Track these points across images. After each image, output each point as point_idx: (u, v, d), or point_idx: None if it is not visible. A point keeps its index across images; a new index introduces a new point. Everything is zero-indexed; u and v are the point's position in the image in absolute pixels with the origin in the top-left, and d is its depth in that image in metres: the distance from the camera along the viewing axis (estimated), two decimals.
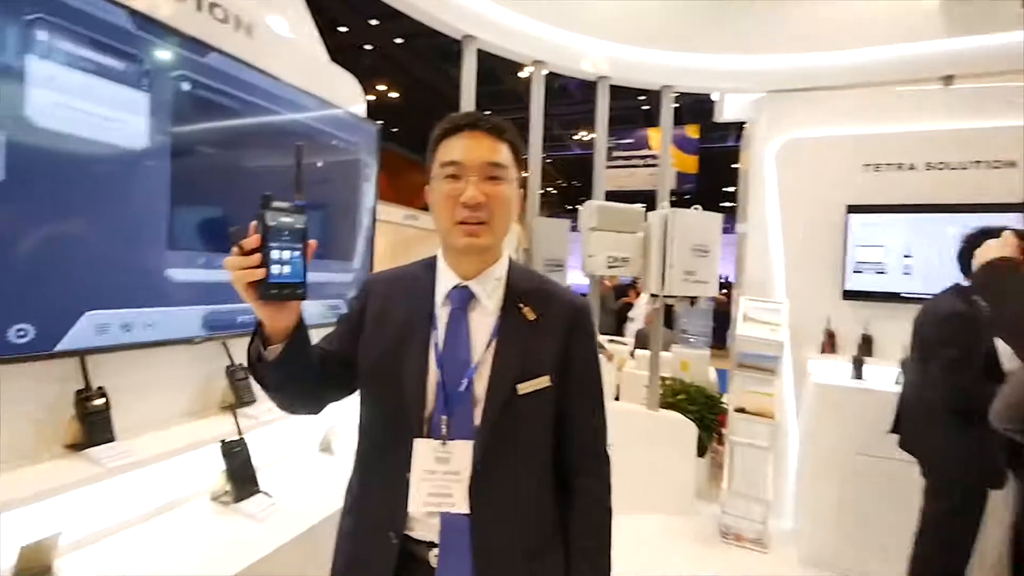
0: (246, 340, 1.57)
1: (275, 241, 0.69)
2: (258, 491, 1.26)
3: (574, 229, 3.41)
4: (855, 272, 2.98)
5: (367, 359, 0.87)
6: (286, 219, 0.70)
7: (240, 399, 1.45)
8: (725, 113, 4.09)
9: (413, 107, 9.43)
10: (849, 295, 2.99)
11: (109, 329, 1.15)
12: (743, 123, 4.13)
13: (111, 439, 1.12)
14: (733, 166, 4.33)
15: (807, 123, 3.20)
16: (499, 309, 0.85)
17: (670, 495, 3.10)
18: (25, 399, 1.05)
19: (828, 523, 2.64)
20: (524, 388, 0.81)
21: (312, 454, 1.62)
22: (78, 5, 1.08)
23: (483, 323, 0.84)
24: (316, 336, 0.85)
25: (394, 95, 9.05)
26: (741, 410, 2.94)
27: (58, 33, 1.04)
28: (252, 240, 0.69)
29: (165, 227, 1.27)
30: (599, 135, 3.54)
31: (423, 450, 0.79)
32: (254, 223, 0.69)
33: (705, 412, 3.58)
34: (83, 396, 1.10)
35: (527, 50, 3.11)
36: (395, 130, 10.92)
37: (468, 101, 2.95)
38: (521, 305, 0.85)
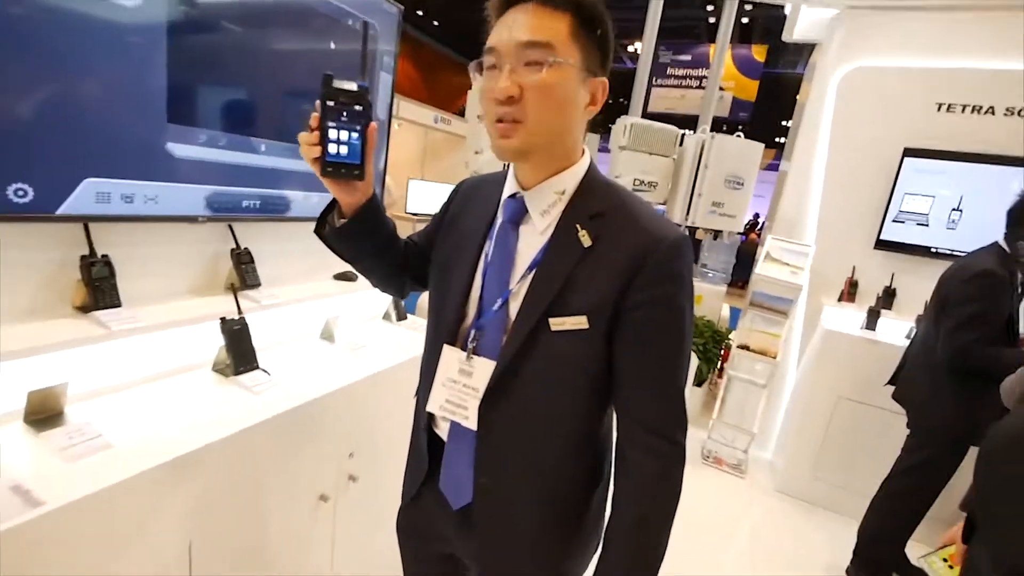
0: (251, 225, 1.59)
1: (333, 121, 0.72)
2: (256, 367, 1.34)
3: (604, 150, 3.23)
4: (895, 221, 2.80)
5: (434, 258, 0.90)
6: (345, 100, 0.72)
7: (244, 282, 1.49)
8: (796, 31, 3.65)
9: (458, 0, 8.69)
10: (882, 244, 2.84)
11: (111, 198, 1.16)
12: (814, 46, 3.69)
13: (118, 304, 1.18)
14: (797, 97, 3.95)
15: (881, 50, 2.83)
16: (552, 228, 0.74)
17: None
18: (32, 260, 1.10)
19: (805, 458, 2.75)
20: (557, 324, 0.71)
21: (313, 341, 1.69)
22: None
23: (532, 242, 0.76)
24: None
25: None
26: (744, 347, 2.94)
27: None
28: (313, 118, 0.73)
29: (164, 98, 1.23)
30: (645, 47, 3.23)
31: (449, 358, 0.80)
32: (317, 101, 0.72)
33: (710, 345, 3.62)
34: (88, 262, 1.15)
35: None
36: (436, 24, 10.10)
37: None
38: (579, 227, 0.72)
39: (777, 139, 13.95)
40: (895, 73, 2.79)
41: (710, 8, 8.55)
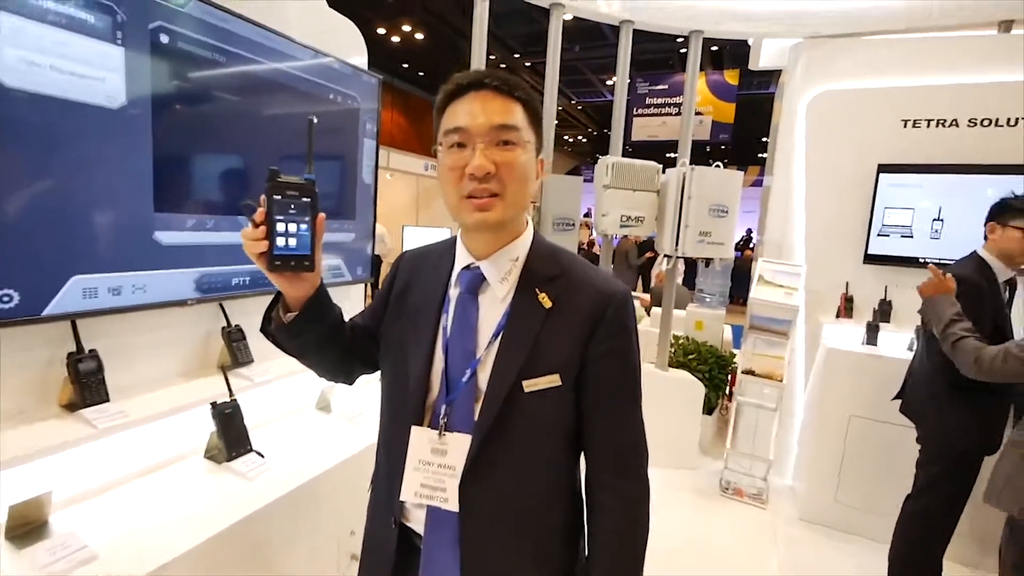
0: (241, 301, 1.59)
1: (281, 214, 0.72)
2: (250, 450, 1.31)
3: (590, 181, 3.29)
4: (880, 236, 2.83)
5: (384, 338, 0.87)
6: (292, 192, 0.72)
7: (237, 359, 1.48)
8: (761, 60, 3.80)
9: (439, 49, 9.01)
10: (871, 259, 2.86)
11: (98, 293, 1.17)
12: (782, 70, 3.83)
13: (105, 400, 1.16)
14: (772, 117, 4.06)
15: (844, 74, 2.94)
16: (512, 294, 0.77)
17: (675, 451, 3.15)
18: (19, 361, 1.09)
19: (825, 482, 2.67)
20: (530, 385, 0.73)
21: (309, 412, 1.67)
22: None
23: (493, 309, 0.77)
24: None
25: (419, 36, 8.65)
26: (750, 372, 2.91)
27: None
28: (259, 214, 0.72)
29: (150, 190, 1.26)
30: (620, 84, 3.33)
31: (419, 439, 0.77)
32: (263, 196, 0.72)
33: (716, 372, 3.58)
34: (75, 359, 1.14)
35: None
36: (420, 74, 10.48)
37: (479, 49, 2.79)
38: (538, 290, 0.76)
39: (760, 155, 14.27)
40: (861, 94, 2.88)
41: (680, 39, 8.93)
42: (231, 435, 1.28)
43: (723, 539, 2.52)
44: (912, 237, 2.77)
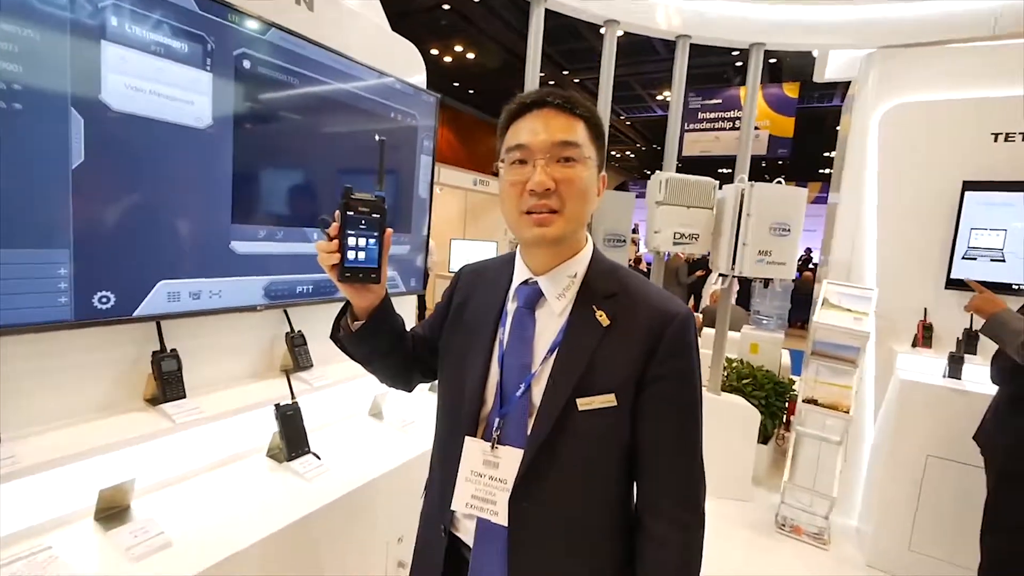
0: (304, 308, 1.67)
1: (353, 229, 0.76)
2: (308, 452, 1.36)
3: (641, 195, 3.24)
4: (965, 259, 2.60)
5: (442, 349, 0.89)
6: (364, 209, 0.76)
7: (297, 364, 1.55)
8: (828, 72, 3.63)
9: (490, 68, 9.24)
10: (954, 284, 2.63)
11: (180, 297, 1.27)
12: (850, 81, 3.65)
13: (183, 396, 1.25)
14: (837, 128, 3.88)
15: (923, 84, 2.76)
16: (569, 310, 0.77)
17: (726, 480, 3.00)
18: (112, 358, 1.20)
19: (898, 527, 2.45)
20: (585, 403, 0.72)
21: (362, 419, 1.72)
22: None
23: (550, 325, 0.77)
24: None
25: (471, 56, 8.92)
26: (812, 401, 2.74)
27: (128, 17, 1.11)
28: (333, 228, 0.76)
29: (229, 203, 1.36)
30: (675, 99, 3.28)
31: (472, 450, 0.78)
32: (336, 211, 0.76)
33: (772, 399, 3.40)
34: (159, 357, 1.23)
35: (598, 8, 2.91)
36: (471, 92, 10.79)
37: (534, 64, 2.83)
38: (596, 308, 0.75)
39: (821, 171, 13.58)
40: (943, 106, 2.69)
41: (735, 52, 8.71)
42: (292, 436, 1.34)
43: None
44: (1004, 261, 2.53)
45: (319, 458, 1.36)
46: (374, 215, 0.77)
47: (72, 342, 1.11)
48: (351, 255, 0.76)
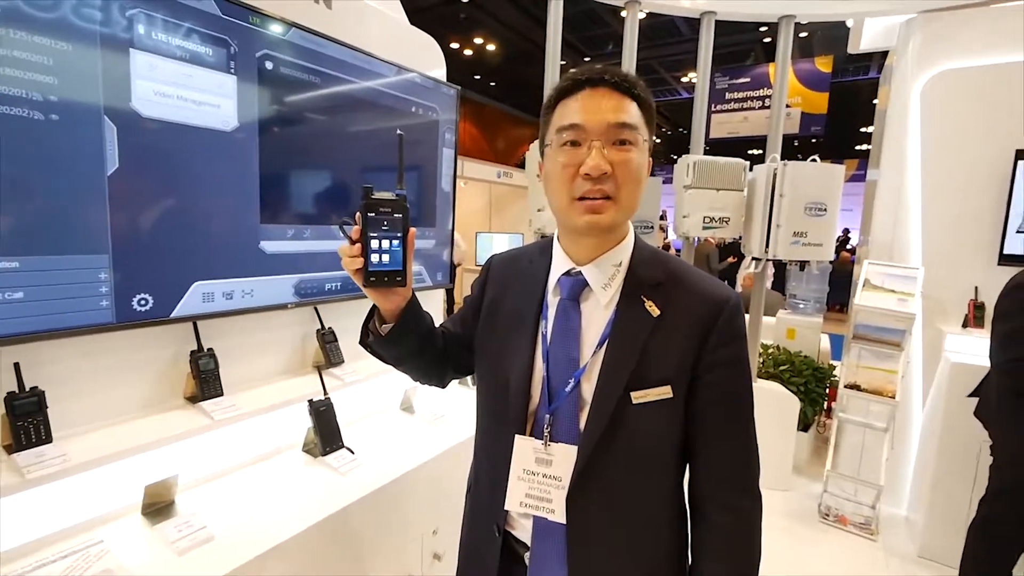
0: (334, 305, 1.69)
1: (375, 231, 0.74)
2: (341, 446, 1.38)
3: (668, 181, 3.16)
4: (1020, 232, 2.45)
5: (479, 345, 0.86)
6: (385, 209, 0.74)
7: (329, 360, 1.58)
8: (863, 42, 3.45)
9: (511, 59, 9.17)
10: (1008, 260, 2.47)
11: (214, 297, 1.30)
12: (887, 51, 3.46)
13: (220, 394, 1.28)
14: (874, 102, 3.69)
15: (969, 50, 2.59)
16: (616, 301, 0.74)
17: (766, 469, 2.80)
18: (152, 358, 1.24)
19: (951, 516, 2.34)
20: (639, 397, 0.70)
21: (394, 413, 1.73)
22: None
23: (597, 316, 0.75)
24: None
25: (491, 47, 8.87)
26: (854, 387, 2.63)
27: (154, 25, 1.13)
28: (355, 231, 0.73)
29: (257, 203, 1.38)
30: (701, 79, 3.18)
31: (523, 448, 0.75)
32: (358, 213, 0.73)
33: (812, 384, 3.28)
34: (196, 356, 1.27)
35: None
36: (492, 84, 10.75)
37: (554, 53, 2.79)
38: (644, 298, 0.73)
39: (859, 147, 13.00)
40: (991, 71, 2.51)
41: (763, 28, 8.38)
42: (325, 431, 1.37)
43: (827, 572, 2.28)
44: None
45: (353, 452, 1.37)
46: (396, 215, 0.74)
47: (115, 344, 1.16)
48: (375, 259, 0.74)
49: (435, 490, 1.45)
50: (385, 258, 0.74)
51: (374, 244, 0.73)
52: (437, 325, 0.90)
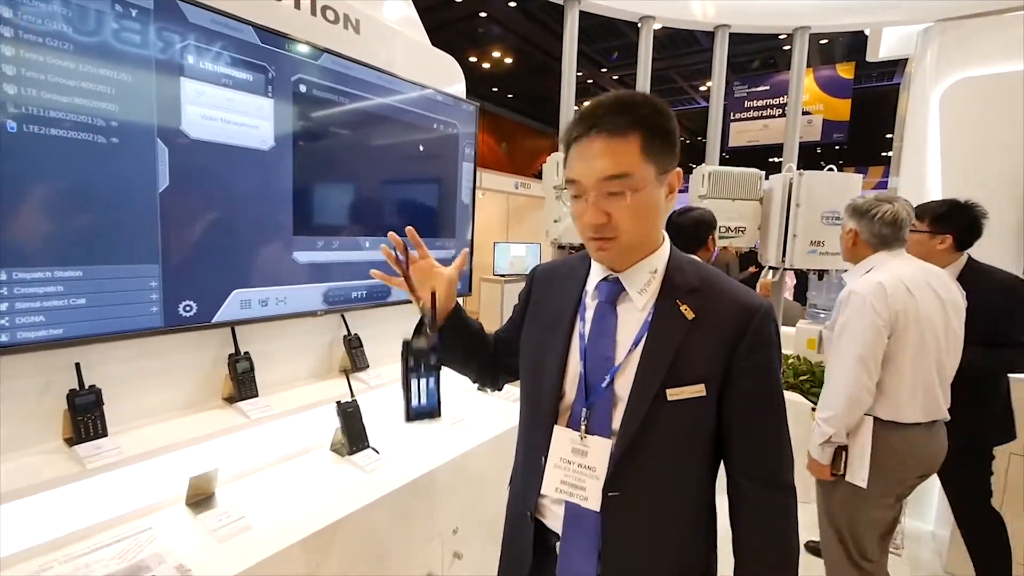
0: (360, 313, 1.77)
1: (415, 376, 0.90)
2: (367, 446, 1.45)
3: (685, 190, 3.19)
4: None
5: (523, 344, 0.94)
6: (419, 355, 0.91)
7: (355, 364, 1.65)
8: (881, 51, 3.46)
9: (528, 71, 9.32)
10: None
11: (251, 304, 1.39)
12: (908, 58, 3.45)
13: (255, 395, 1.37)
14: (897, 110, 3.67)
15: (987, 57, 2.59)
16: (652, 304, 0.79)
17: None
18: (194, 361, 1.33)
19: None
20: (674, 394, 0.74)
21: None
22: (216, 28, 1.26)
23: (632, 319, 0.80)
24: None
25: (508, 60, 9.03)
26: None
27: (202, 54, 1.24)
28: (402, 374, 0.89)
29: (291, 216, 1.47)
30: (715, 90, 3.23)
31: (561, 438, 0.80)
32: (401, 363, 0.88)
33: None
34: (234, 359, 1.36)
35: (632, 5, 2.91)
36: (510, 96, 10.92)
37: (570, 65, 2.87)
38: (679, 301, 0.77)
39: (884, 154, 12.74)
40: (1009, 79, 2.51)
41: (782, 36, 8.36)
42: (352, 431, 1.44)
43: None
44: None
45: (378, 452, 1.44)
46: (431, 356, 0.89)
47: (162, 347, 1.25)
48: (415, 401, 0.88)
49: (456, 491, 1.51)
50: (424, 399, 0.89)
51: (414, 387, 0.88)
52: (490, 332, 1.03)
